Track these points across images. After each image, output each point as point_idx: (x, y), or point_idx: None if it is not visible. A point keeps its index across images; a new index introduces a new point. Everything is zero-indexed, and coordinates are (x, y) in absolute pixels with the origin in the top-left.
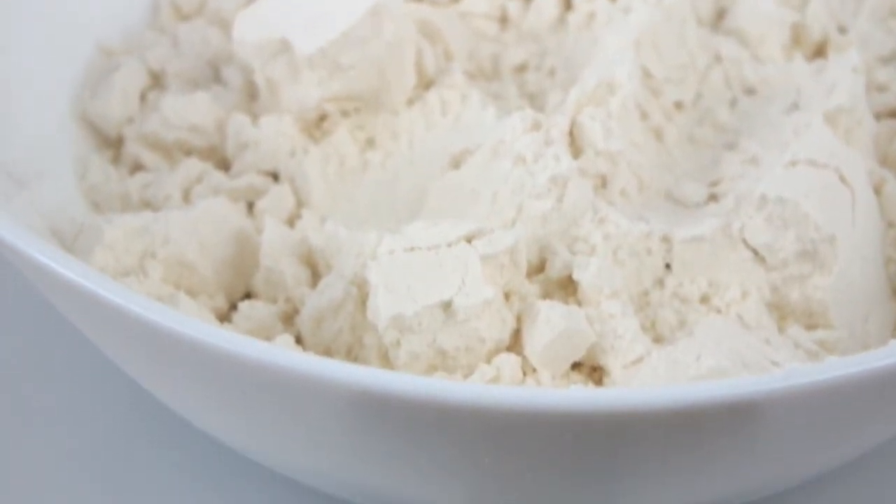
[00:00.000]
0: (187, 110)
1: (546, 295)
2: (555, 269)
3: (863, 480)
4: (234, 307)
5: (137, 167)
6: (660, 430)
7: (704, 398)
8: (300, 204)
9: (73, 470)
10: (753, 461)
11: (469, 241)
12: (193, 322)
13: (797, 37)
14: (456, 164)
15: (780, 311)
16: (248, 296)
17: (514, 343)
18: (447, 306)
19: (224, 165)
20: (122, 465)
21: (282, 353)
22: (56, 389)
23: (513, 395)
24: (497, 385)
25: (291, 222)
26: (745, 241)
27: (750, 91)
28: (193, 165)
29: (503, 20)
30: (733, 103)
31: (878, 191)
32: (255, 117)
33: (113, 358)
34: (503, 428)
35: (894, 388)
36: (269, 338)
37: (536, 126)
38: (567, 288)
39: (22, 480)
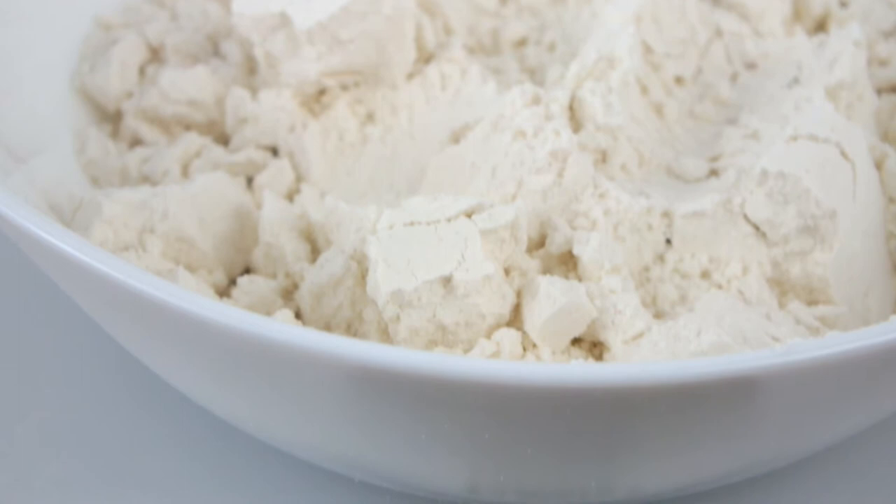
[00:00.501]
0: (186, 84)
1: (546, 270)
2: (555, 245)
3: (865, 456)
4: (233, 282)
5: (136, 141)
6: (660, 405)
7: (705, 373)
8: (299, 178)
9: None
10: (754, 437)
11: (469, 215)
12: (193, 296)
13: (798, 11)
14: (456, 138)
15: (781, 287)
16: (247, 271)
17: (515, 318)
18: (447, 281)
19: (223, 140)
20: (121, 441)
21: (281, 327)
22: (54, 363)
23: (513, 370)
24: (497, 360)
25: (291, 197)
26: (745, 217)
27: (751, 66)
28: (192, 140)
29: None
30: (734, 78)
31: (879, 166)
32: (254, 91)
33: (112, 332)
34: (503, 403)
35: (895, 364)
36: (268, 313)
37: (536, 100)
38: (567, 263)
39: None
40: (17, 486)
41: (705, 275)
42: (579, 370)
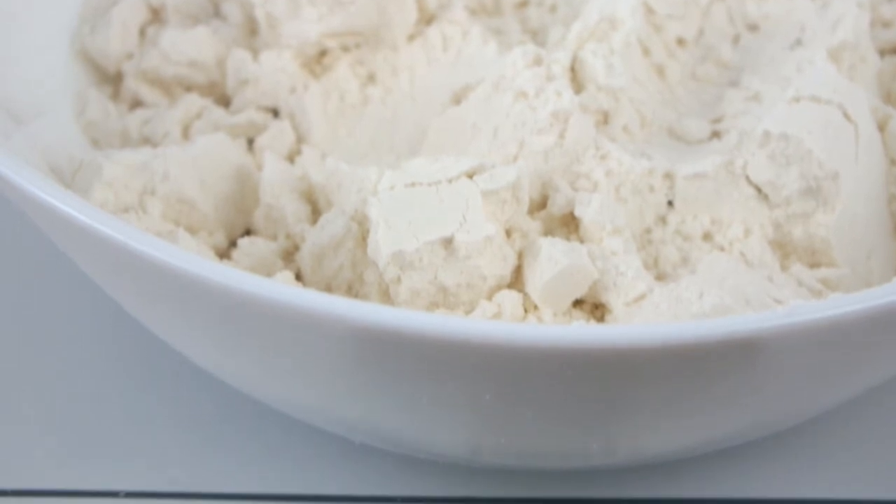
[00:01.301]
0: (187, 46)
1: (548, 231)
2: (557, 206)
3: (867, 418)
4: (233, 244)
5: (137, 103)
6: (662, 367)
7: (707, 335)
8: (300, 140)
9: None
10: (756, 399)
11: (470, 176)
12: (193, 257)
13: None
14: (457, 99)
15: (783, 249)
16: (247, 233)
17: (516, 280)
18: (448, 243)
19: (224, 101)
20: (121, 404)
21: (282, 288)
22: (55, 326)
23: (514, 332)
24: (498, 321)
25: (291, 158)
26: (747, 178)
27: (753, 27)
28: (193, 101)
29: None
30: (736, 40)
31: (881, 128)
32: (255, 53)
33: (112, 294)
34: (504, 364)
35: None
36: (268, 274)
37: (538, 61)
38: (569, 225)
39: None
40: (15, 454)
41: (707, 237)
42: (580, 332)
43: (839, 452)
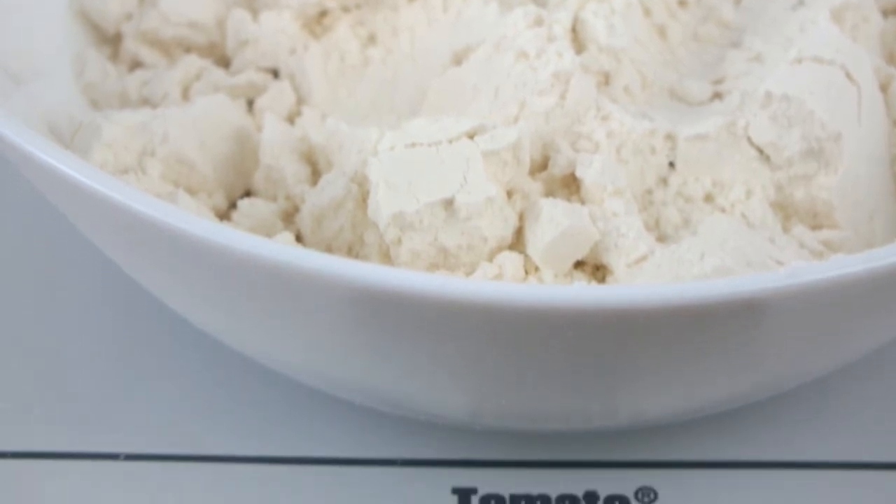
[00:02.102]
0: (186, 6)
1: (549, 193)
2: (558, 167)
3: (868, 380)
4: (233, 206)
5: (136, 64)
6: (663, 328)
7: (708, 296)
8: (300, 101)
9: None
10: (757, 361)
11: (471, 137)
12: (193, 218)
13: None
14: (457, 60)
15: (785, 211)
16: (247, 194)
17: (517, 241)
18: (449, 204)
19: (224, 62)
20: (119, 366)
21: (283, 248)
22: (53, 288)
23: (515, 292)
24: (499, 282)
25: (292, 119)
26: (749, 140)
27: None
28: (192, 62)
29: None
30: (737, 0)
31: (884, 89)
32: (255, 13)
33: (112, 255)
34: (505, 325)
35: None
36: (268, 236)
37: (539, 22)
38: (570, 186)
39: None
40: (14, 416)
41: (709, 198)
42: (582, 292)
43: (841, 415)
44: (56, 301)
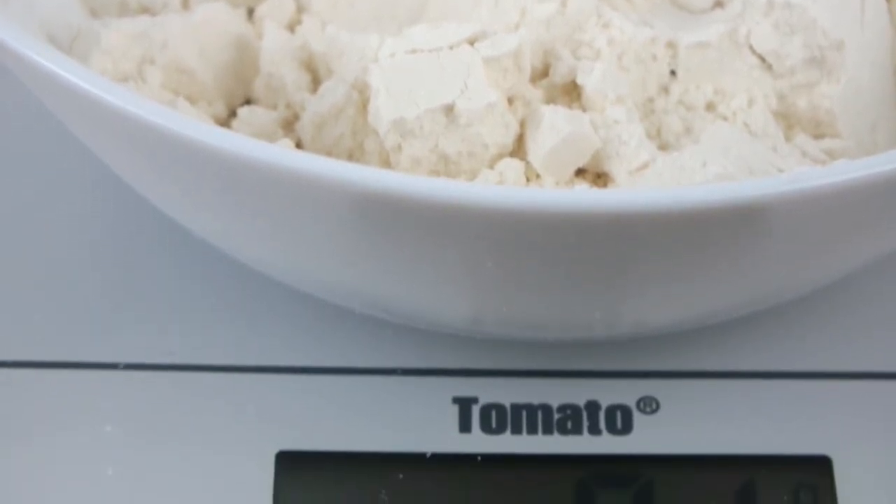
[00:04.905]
0: None
1: (550, 100)
2: (559, 74)
3: (871, 290)
4: (233, 114)
5: None
6: (664, 232)
7: (711, 200)
8: (300, 9)
9: (74, 283)
10: (758, 269)
11: (472, 43)
12: (194, 123)
13: None
14: None
15: (787, 120)
16: (247, 102)
17: (518, 149)
18: (449, 110)
19: None
20: (120, 275)
21: (283, 152)
22: (53, 197)
23: (517, 195)
24: (500, 186)
25: (292, 28)
26: (751, 48)
27: None
28: None
29: None
30: None
31: None
32: None
33: (112, 165)
34: (507, 229)
35: None
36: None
37: None
38: (571, 94)
39: (19, 287)
40: (12, 325)
41: (710, 107)
42: (584, 195)
43: (844, 325)
44: (55, 210)
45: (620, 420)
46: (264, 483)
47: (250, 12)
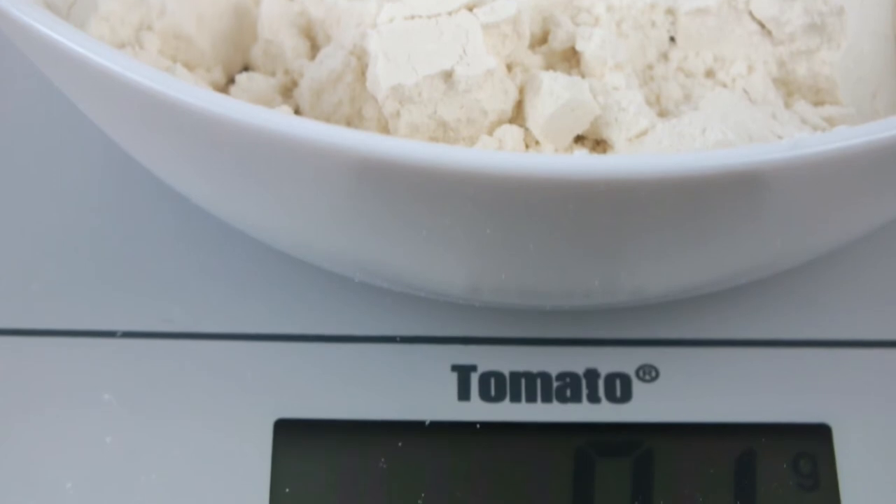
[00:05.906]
0: None
1: (549, 66)
2: (558, 41)
3: (872, 258)
4: (231, 81)
5: None
6: (664, 198)
7: (711, 165)
8: None
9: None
10: (759, 236)
11: (470, 9)
12: (193, 88)
13: None
14: None
15: (787, 87)
16: (245, 69)
17: (517, 115)
18: (448, 76)
19: None
20: (118, 243)
21: (283, 118)
22: (51, 165)
23: (516, 160)
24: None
25: None
26: (751, 14)
27: None
28: None
29: None
30: None
31: None
32: None
33: (110, 133)
34: (505, 196)
35: None
36: None
37: None
38: (570, 60)
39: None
40: (9, 293)
41: (710, 73)
42: (583, 161)
43: (845, 293)
44: (54, 178)
45: (619, 388)
46: (263, 451)
47: None
